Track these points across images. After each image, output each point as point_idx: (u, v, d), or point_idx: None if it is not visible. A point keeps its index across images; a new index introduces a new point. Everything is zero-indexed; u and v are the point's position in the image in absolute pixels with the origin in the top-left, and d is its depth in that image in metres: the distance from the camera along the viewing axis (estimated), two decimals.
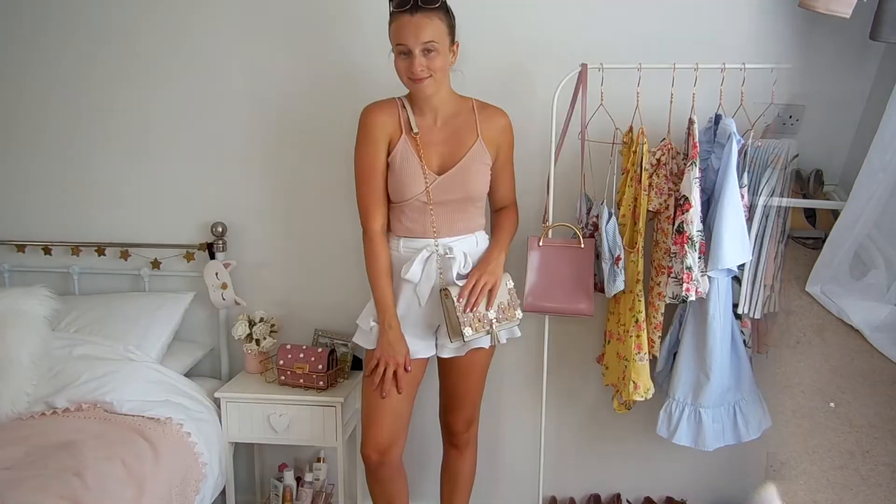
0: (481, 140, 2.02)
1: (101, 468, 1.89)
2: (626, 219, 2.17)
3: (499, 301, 2.01)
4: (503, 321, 2.01)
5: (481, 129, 2.02)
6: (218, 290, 2.51)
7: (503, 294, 2.03)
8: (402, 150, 1.99)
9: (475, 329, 1.95)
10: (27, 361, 2.23)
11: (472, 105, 2.05)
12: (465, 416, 2.22)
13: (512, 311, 2.03)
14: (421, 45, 1.85)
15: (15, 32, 2.58)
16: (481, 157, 2.02)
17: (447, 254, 2.00)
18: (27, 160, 2.65)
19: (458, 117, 2.03)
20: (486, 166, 2.03)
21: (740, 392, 2.21)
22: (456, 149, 2.00)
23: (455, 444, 2.28)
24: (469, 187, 2.00)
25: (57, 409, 2.20)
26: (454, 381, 2.17)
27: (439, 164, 2.00)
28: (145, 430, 2.12)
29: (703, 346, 2.14)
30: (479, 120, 2.03)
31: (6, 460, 1.91)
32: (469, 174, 2.00)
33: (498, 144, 2.06)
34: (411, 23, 1.84)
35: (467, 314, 1.94)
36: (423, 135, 2.00)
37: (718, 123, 2.10)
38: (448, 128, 2.01)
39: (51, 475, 1.83)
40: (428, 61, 1.87)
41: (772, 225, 2.05)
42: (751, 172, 2.09)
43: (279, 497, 2.51)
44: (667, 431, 2.22)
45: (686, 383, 2.19)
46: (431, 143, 2.00)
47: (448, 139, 2.01)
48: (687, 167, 2.03)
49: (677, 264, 2.04)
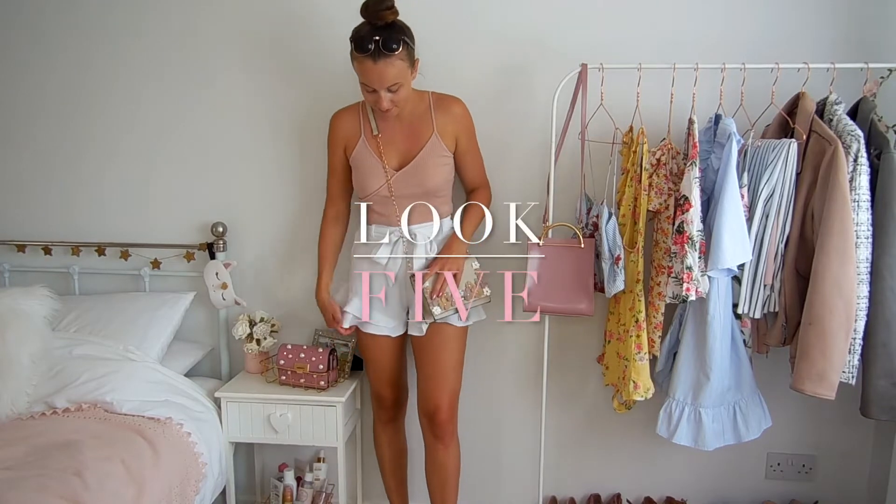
0: (436, 134, 2.14)
1: (101, 468, 1.89)
2: (626, 219, 2.17)
3: (465, 281, 2.17)
4: (471, 298, 2.17)
5: (437, 122, 2.14)
6: (218, 290, 2.51)
7: (469, 274, 2.18)
8: (361, 151, 2.17)
9: (443, 307, 2.13)
10: (27, 361, 2.23)
11: (429, 99, 2.16)
12: (444, 401, 2.24)
13: (479, 290, 2.18)
14: (385, 87, 1.98)
15: (14, 33, 2.58)
16: (437, 151, 2.14)
17: (413, 240, 2.17)
18: (27, 160, 2.65)
19: (415, 113, 2.15)
20: (443, 159, 2.15)
21: (740, 392, 2.21)
22: (413, 145, 2.14)
23: (437, 434, 2.27)
24: (426, 182, 2.14)
25: (57, 409, 2.20)
26: (428, 359, 2.23)
27: (399, 161, 2.15)
28: (145, 430, 2.12)
29: (703, 346, 2.13)
30: (434, 114, 2.14)
31: (6, 460, 1.91)
32: (425, 169, 2.13)
33: (456, 134, 2.17)
34: (374, 70, 1.94)
35: (433, 296, 2.12)
36: (384, 134, 2.15)
37: (718, 123, 2.10)
38: (406, 124, 2.14)
39: (51, 475, 1.82)
40: (393, 96, 2.00)
41: (771, 225, 2.05)
42: (751, 172, 2.09)
43: (279, 497, 2.51)
44: (667, 431, 2.22)
45: (686, 383, 2.19)
46: (392, 141, 2.15)
47: (406, 136, 2.14)
48: (687, 167, 2.03)
49: (677, 264, 2.04)
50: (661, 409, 2.22)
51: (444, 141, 2.15)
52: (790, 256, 2.07)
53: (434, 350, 2.22)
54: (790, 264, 2.07)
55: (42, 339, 2.30)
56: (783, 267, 2.08)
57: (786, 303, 2.09)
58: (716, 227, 2.00)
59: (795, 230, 2.06)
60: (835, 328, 1.94)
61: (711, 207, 2.08)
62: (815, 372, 1.96)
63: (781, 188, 2.03)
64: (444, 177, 2.18)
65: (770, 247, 2.07)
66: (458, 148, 2.20)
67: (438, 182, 2.16)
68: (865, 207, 1.97)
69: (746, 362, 2.21)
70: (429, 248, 2.19)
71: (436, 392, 2.24)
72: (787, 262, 2.07)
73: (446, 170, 2.18)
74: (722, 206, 2.00)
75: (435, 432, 2.28)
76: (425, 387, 2.27)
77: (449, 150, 2.17)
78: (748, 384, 2.22)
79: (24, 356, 2.23)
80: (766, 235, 2.07)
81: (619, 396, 2.29)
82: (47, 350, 2.30)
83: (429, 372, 2.25)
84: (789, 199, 2.05)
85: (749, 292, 2.11)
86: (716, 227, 2.00)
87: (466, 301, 2.16)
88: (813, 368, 1.96)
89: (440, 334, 2.21)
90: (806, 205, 2.04)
